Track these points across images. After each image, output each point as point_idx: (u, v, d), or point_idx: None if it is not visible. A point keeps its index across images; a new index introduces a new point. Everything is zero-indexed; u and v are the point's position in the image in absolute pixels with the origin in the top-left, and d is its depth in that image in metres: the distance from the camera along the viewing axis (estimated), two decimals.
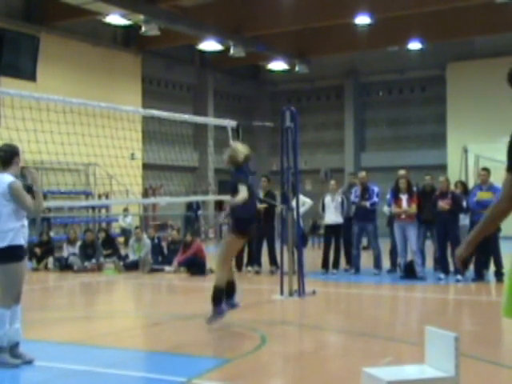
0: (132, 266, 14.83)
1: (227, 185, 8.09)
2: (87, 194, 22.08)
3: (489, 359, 6.26)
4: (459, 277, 11.83)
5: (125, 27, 23.57)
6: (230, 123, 11.86)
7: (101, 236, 16.26)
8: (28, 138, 10.37)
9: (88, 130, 12.83)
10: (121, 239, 21.11)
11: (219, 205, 10.08)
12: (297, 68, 27.63)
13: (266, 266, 13.78)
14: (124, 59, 24.63)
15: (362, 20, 22.61)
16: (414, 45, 25.71)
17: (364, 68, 29.84)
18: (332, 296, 11.70)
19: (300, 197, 11.54)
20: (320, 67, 29.04)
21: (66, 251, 15.51)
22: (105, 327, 8.51)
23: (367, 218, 13.20)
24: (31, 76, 19.36)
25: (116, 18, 21.39)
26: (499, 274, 11.57)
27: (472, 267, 12.05)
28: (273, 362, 6.58)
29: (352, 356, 6.69)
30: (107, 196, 21.73)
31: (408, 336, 7.64)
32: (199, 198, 23.37)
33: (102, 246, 15.42)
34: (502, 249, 11.92)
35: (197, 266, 13.67)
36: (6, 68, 18.74)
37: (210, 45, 24.36)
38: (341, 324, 8.70)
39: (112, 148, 12.71)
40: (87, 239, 15.22)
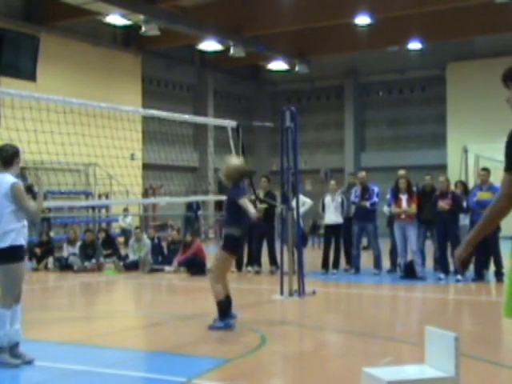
0: (132, 266, 14.84)
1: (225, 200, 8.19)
2: (87, 194, 22.08)
3: (489, 359, 6.26)
4: (459, 277, 11.83)
5: (125, 27, 23.57)
6: (230, 123, 11.87)
7: (101, 236, 16.27)
8: (28, 139, 10.40)
9: (88, 130, 12.84)
10: (121, 239, 21.11)
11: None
12: (297, 68, 27.63)
13: (266, 266, 13.78)
14: (124, 59, 24.63)
15: (362, 20, 22.61)
16: (414, 45, 25.72)
17: (364, 68, 29.84)
18: (332, 296, 11.70)
19: (300, 197, 11.54)
20: (320, 67, 29.04)
21: (66, 251, 15.51)
22: (105, 327, 8.51)
23: (367, 218, 13.20)
24: (31, 76, 19.36)
25: (116, 18, 21.39)
26: (499, 274, 11.58)
27: (472, 267, 12.06)
28: (273, 362, 6.58)
29: (352, 356, 6.69)
30: (107, 196, 21.74)
31: (408, 336, 7.64)
32: (199, 198, 23.38)
33: (102, 246, 15.42)
34: (502, 249, 11.92)
35: (197, 266, 13.67)
36: (6, 68, 18.74)
37: (210, 45, 24.36)
38: (341, 324, 8.70)
39: (112, 148, 12.72)
40: (87, 239, 15.22)
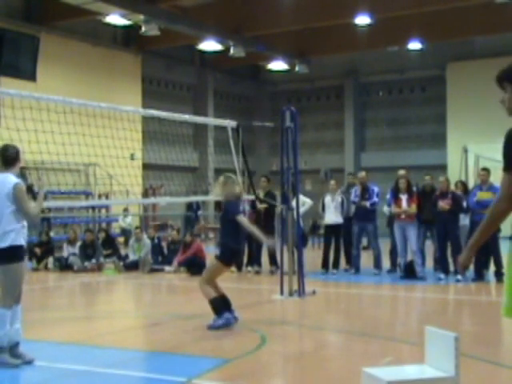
0: (132, 266, 14.84)
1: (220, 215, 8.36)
2: (87, 194, 22.08)
3: (489, 359, 6.26)
4: (459, 277, 11.82)
5: (125, 27, 23.57)
6: (230, 123, 11.87)
7: (101, 236, 16.27)
8: (28, 138, 10.40)
9: (88, 130, 12.84)
10: (121, 239, 21.11)
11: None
12: (297, 68, 27.62)
13: (266, 266, 13.78)
14: (124, 59, 24.62)
15: (362, 20, 22.60)
16: (414, 45, 25.70)
17: (364, 68, 29.84)
18: (332, 296, 11.70)
19: (300, 197, 11.55)
20: (320, 67, 29.04)
21: (66, 251, 15.51)
22: (105, 327, 8.51)
23: (367, 218, 13.20)
24: (31, 76, 19.35)
25: (116, 18, 21.39)
26: (499, 274, 11.57)
27: (472, 267, 12.05)
28: (273, 362, 6.58)
29: (352, 356, 6.70)
30: (107, 196, 21.73)
31: (408, 336, 7.64)
32: (199, 198, 23.37)
33: (102, 246, 15.42)
34: (502, 249, 11.91)
35: (197, 266, 13.65)
36: (6, 68, 18.73)
37: (210, 45, 24.35)
38: (341, 324, 8.70)
39: (112, 148, 12.72)
40: (87, 239, 15.22)
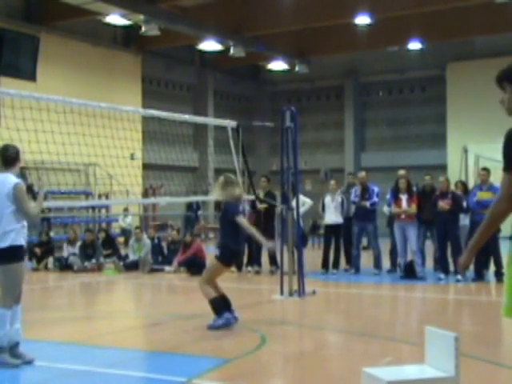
0: (132, 266, 14.84)
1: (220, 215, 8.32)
2: (87, 194, 22.08)
3: (489, 359, 6.26)
4: (459, 277, 11.82)
5: (125, 27, 23.57)
6: (230, 123, 11.87)
7: (101, 236, 16.27)
8: (28, 138, 10.41)
9: (88, 130, 12.84)
10: (121, 239, 21.11)
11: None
12: (297, 68, 27.62)
13: (266, 266, 13.78)
14: (124, 59, 24.62)
15: (362, 20, 22.60)
16: (414, 45, 25.69)
17: (364, 68, 29.83)
18: (332, 296, 11.70)
19: (300, 197, 11.55)
20: (320, 67, 29.04)
21: (66, 251, 15.51)
22: (105, 327, 8.51)
23: (367, 218, 13.20)
24: (31, 76, 19.35)
25: (116, 18, 21.38)
26: (499, 274, 11.57)
27: (472, 267, 12.05)
28: (273, 362, 6.58)
29: (352, 356, 6.70)
30: (107, 196, 21.73)
31: (408, 336, 7.64)
32: (199, 198, 23.37)
33: (102, 246, 15.42)
34: (502, 249, 11.91)
35: (197, 266, 13.64)
36: (6, 68, 18.73)
37: (210, 45, 24.35)
38: (341, 324, 8.70)
39: (112, 148, 12.73)
40: (87, 239, 15.22)
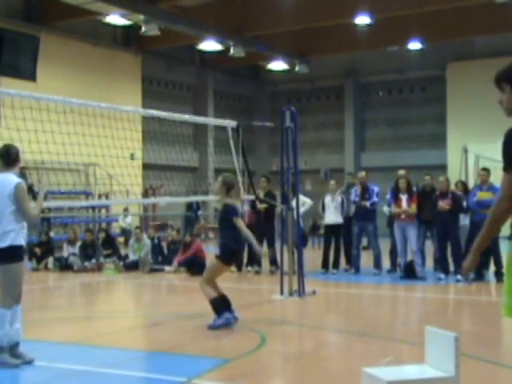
0: (132, 266, 14.84)
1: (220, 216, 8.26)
2: (87, 194, 22.08)
3: (489, 359, 6.26)
4: (459, 277, 11.82)
5: (125, 27, 23.57)
6: (230, 123, 11.86)
7: (101, 236, 16.27)
8: (28, 138, 10.41)
9: (88, 130, 12.84)
10: (121, 239, 21.11)
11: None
12: (297, 68, 27.62)
13: (266, 266, 13.78)
14: (124, 59, 24.62)
15: (362, 20, 22.60)
16: (414, 45, 25.70)
17: (364, 68, 29.83)
18: (332, 296, 11.70)
19: (300, 197, 11.55)
20: (320, 67, 29.04)
21: (66, 251, 15.51)
22: (105, 327, 8.51)
23: (367, 218, 13.20)
24: (31, 76, 19.35)
25: (116, 18, 21.38)
26: (499, 274, 11.56)
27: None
28: (273, 362, 6.58)
29: (352, 356, 6.69)
30: (107, 196, 21.73)
31: (408, 336, 7.64)
32: (199, 198, 23.36)
33: (102, 246, 15.42)
34: (502, 249, 11.90)
35: (197, 266, 13.65)
36: (6, 68, 18.73)
37: (210, 45, 24.35)
38: (341, 324, 8.70)
39: (112, 148, 12.72)
40: (87, 239, 15.22)
